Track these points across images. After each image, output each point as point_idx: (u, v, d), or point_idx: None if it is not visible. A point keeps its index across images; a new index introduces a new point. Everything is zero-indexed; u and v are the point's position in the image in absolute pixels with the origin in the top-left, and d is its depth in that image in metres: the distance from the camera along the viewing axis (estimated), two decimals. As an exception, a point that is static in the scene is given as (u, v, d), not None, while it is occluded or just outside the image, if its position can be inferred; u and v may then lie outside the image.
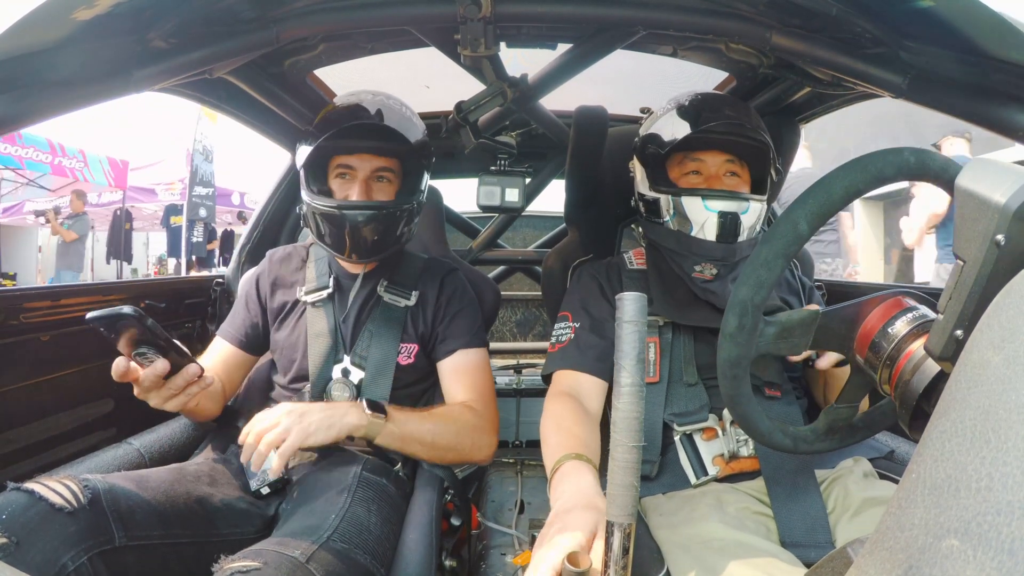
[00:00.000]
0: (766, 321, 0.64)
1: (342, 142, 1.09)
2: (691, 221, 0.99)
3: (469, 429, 1.07)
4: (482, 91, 1.19)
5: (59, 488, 0.75)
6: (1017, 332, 0.31)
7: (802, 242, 0.61)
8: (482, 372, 1.18)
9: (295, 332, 1.17)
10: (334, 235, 1.09)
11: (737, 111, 1.03)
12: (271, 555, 0.70)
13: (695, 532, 0.80)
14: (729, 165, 1.04)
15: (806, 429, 0.71)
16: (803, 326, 0.65)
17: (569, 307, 1.12)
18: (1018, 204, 0.42)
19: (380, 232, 1.09)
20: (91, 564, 0.73)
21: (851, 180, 0.58)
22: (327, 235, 1.10)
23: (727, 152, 1.04)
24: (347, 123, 1.07)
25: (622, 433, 0.53)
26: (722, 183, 1.03)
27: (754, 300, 0.61)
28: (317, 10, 0.95)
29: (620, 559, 0.54)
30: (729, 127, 1.01)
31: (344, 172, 1.12)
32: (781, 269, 0.61)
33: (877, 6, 0.80)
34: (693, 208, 0.99)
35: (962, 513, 0.26)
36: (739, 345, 0.63)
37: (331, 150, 1.10)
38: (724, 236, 0.97)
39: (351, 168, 1.12)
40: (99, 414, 1.31)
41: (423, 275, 1.23)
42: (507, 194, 1.29)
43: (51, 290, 1.18)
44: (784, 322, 0.65)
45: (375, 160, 1.12)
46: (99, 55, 0.80)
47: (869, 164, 0.58)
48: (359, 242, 1.09)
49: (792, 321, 0.65)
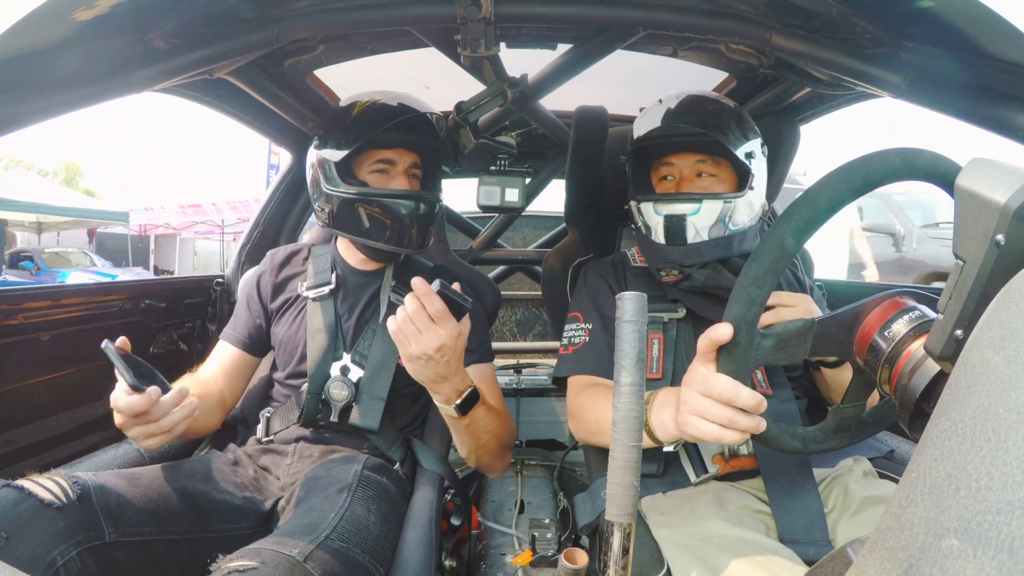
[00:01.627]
0: (762, 334, 0.65)
1: (384, 136, 1.11)
2: (649, 227, 1.03)
3: (510, 437, 1.13)
4: (482, 91, 1.19)
5: (48, 484, 0.76)
6: (1017, 332, 0.31)
7: (790, 257, 0.61)
8: (495, 386, 1.20)
9: (295, 328, 1.17)
10: (382, 226, 1.10)
11: (698, 108, 1.04)
12: (269, 554, 0.70)
13: (696, 530, 0.80)
14: (700, 166, 1.05)
15: (814, 429, 0.72)
16: (799, 336, 0.66)
17: (579, 307, 1.12)
18: (1018, 204, 0.42)
19: (424, 223, 1.12)
20: (80, 559, 0.73)
21: (835, 190, 0.58)
22: (373, 227, 1.10)
23: (696, 152, 1.05)
24: (397, 118, 1.09)
25: (622, 432, 0.53)
26: (694, 184, 1.05)
27: (747, 317, 0.62)
28: (317, 10, 0.95)
29: (620, 559, 0.54)
30: (690, 127, 1.02)
31: (383, 167, 1.14)
32: (772, 286, 0.62)
33: (877, 6, 0.80)
34: (647, 213, 1.03)
35: (962, 512, 0.26)
36: (736, 360, 0.64)
37: (371, 144, 1.12)
38: (671, 239, 1.00)
39: (391, 163, 1.14)
40: (99, 414, 1.31)
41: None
42: (507, 194, 1.29)
43: (51, 290, 1.18)
44: (780, 333, 0.66)
45: (410, 155, 1.15)
46: (99, 55, 0.80)
47: (853, 172, 0.58)
48: (409, 232, 1.11)
49: (788, 332, 0.66)
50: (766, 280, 0.61)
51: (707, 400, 0.64)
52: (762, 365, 0.67)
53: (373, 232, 1.11)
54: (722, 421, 0.64)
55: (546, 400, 2.20)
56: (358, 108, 1.14)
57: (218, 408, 1.13)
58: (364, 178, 1.14)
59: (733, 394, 0.63)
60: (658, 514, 0.88)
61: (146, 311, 1.46)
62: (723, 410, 0.64)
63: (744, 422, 0.64)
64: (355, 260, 1.22)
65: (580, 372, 1.05)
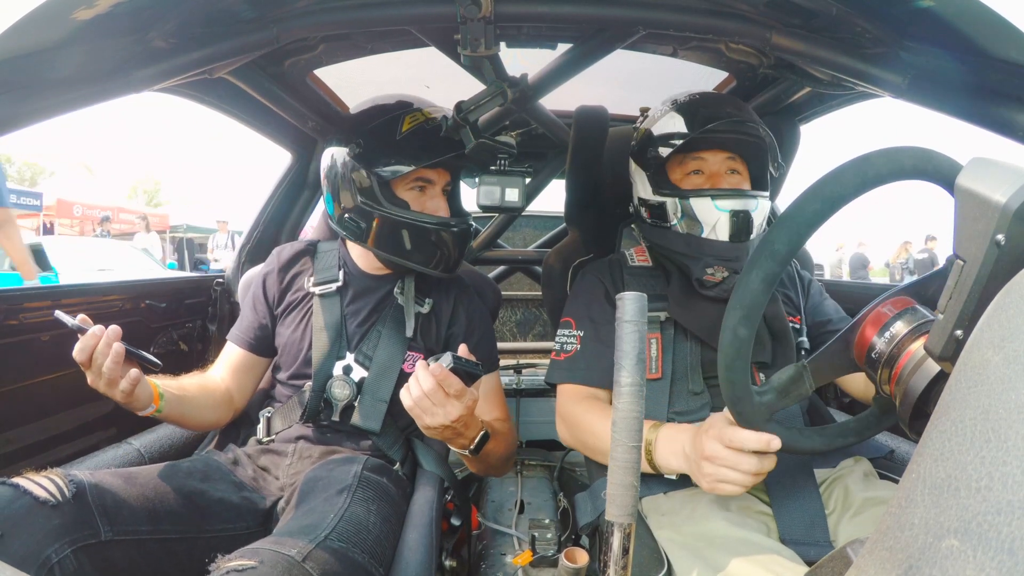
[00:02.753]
0: (760, 392, 0.68)
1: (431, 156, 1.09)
2: (701, 223, 0.98)
3: (514, 448, 1.16)
4: (482, 91, 1.19)
5: (44, 482, 0.76)
6: (1017, 332, 0.31)
7: (783, 268, 0.61)
8: (500, 395, 1.21)
9: (301, 330, 1.16)
10: (427, 249, 1.11)
11: (737, 108, 1.03)
12: (267, 554, 0.70)
13: (697, 530, 0.80)
14: (730, 163, 1.04)
15: (857, 419, 0.74)
16: (795, 381, 0.68)
17: (572, 313, 1.12)
18: (1018, 204, 0.42)
19: (463, 248, 1.15)
20: (75, 557, 0.73)
21: (823, 200, 0.58)
22: (415, 250, 1.10)
23: (728, 150, 1.04)
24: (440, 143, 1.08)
25: (622, 433, 0.53)
26: (725, 181, 1.03)
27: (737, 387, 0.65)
28: (317, 10, 0.95)
29: (620, 559, 0.54)
30: (731, 124, 1.00)
31: (423, 185, 1.13)
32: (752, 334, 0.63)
33: (877, 6, 0.80)
34: (703, 209, 0.98)
35: (962, 513, 0.26)
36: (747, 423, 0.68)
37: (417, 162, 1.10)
38: (738, 235, 0.96)
39: (431, 182, 1.13)
40: (99, 414, 1.31)
41: (437, 286, 1.23)
42: (507, 194, 1.29)
43: (51, 290, 1.18)
44: (777, 386, 0.69)
45: (446, 174, 1.16)
46: (99, 55, 0.80)
47: (841, 178, 0.58)
48: (450, 256, 1.13)
49: (783, 382, 0.69)
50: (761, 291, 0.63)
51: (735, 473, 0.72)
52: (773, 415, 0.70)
53: (415, 255, 1.11)
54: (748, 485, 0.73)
55: (546, 400, 2.20)
56: (408, 125, 1.10)
57: (224, 403, 1.13)
58: (402, 195, 1.11)
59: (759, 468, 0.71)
60: (659, 515, 0.88)
61: (146, 311, 1.46)
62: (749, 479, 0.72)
63: (767, 464, 0.72)
64: (367, 265, 1.21)
65: (571, 381, 1.05)
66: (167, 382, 1.01)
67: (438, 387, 0.85)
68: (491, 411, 1.17)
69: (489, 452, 1.03)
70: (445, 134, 1.08)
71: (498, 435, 1.07)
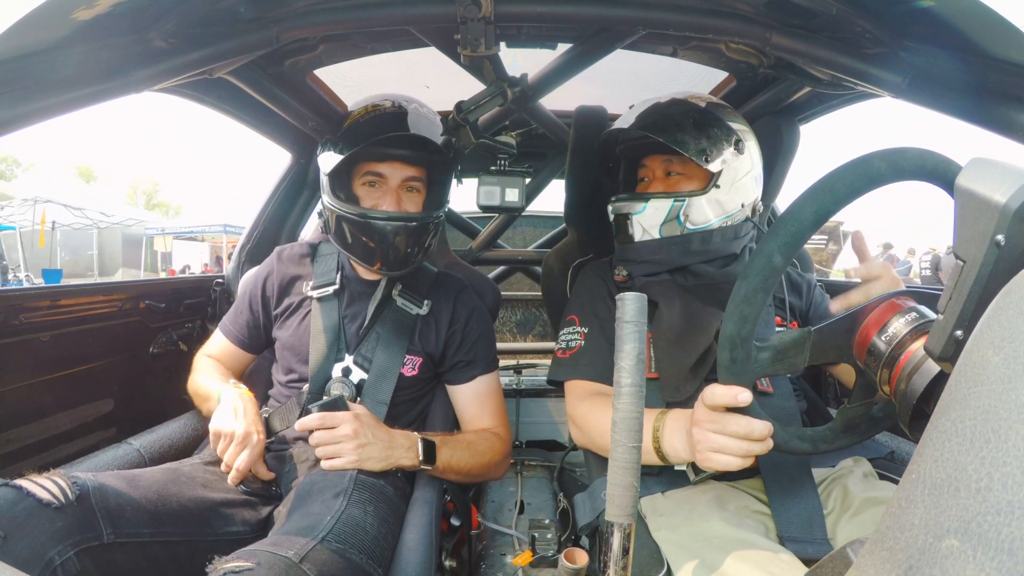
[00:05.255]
0: (759, 347, 0.66)
1: (374, 149, 1.08)
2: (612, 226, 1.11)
3: (499, 457, 1.14)
4: (482, 91, 1.19)
5: (47, 484, 0.76)
6: (1017, 332, 0.31)
7: (779, 274, 0.62)
8: (499, 395, 1.21)
9: (300, 332, 1.16)
10: (362, 245, 1.09)
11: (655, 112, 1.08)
12: (264, 555, 0.70)
13: (696, 531, 0.80)
14: (668, 165, 1.08)
15: (823, 429, 0.73)
16: (796, 346, 0.67)
17: (575, 310, 1.12)
18: (1018, 204, 0.42)
19: (411, 244, 1.10)
20: (78, 560, 0.73)
21: (820, 204, 0.58)
22: (355, 244, 1.10)
23: (662, 153, 1.08)
24: (383, 133, 1.06)
25: (622, 433, 0.53)
26: (664, 183, 1.08)
27: (740, 334, 0.64)
28: (317, 10, 0.95)
29: (620, 559, 0.54)
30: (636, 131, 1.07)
31: (374, 180, 1.11)
32: (762, 303, 0.63)
33: (877, 6, 0.80)
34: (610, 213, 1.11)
35: (962, 513, 0.26)
36: (736, 375, 0.66)
37: (361, 156, 1.09)
38: (619, 236, 1.10)
39: (381, 176, 1.11)
40: (99, 414, 1.31)
41: (435, 288, 1.23)
42: (507, 194, 1.29)
43: (51, 290, 1.18)
44: (777, 345, 0.67)
45: (406, 169, 1.11)
46: (99, 55, 0.80)
47: (837, 182, 0.58)
48: (388, 253, 1.09)
49: (785, 343, 0.67)
50: (756, 297, 0.62)
51: (723, 438, 0.70)
52: (761, 376, 0.68)
53: (355, 249, 1.11)
54: (739, 453, 0.70)
55: (546, 401, 2.20)
56: (353, 116, 1.11)
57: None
58: (357, 191, 1.12)
59: (747, 429, 0.68)
60: (658, 515, 0.88)
61: (146, 311, 1.46)
62: (739, 444, 0.69)
63: (758, 448, 0.70)
64: (358, 268, 1.21)
65: (576, 377, 1.05)
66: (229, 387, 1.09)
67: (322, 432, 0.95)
68: (482, 419, 1.18)
69: (453, 460, 1.04)
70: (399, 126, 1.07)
71: (460, 444, 1.08)
